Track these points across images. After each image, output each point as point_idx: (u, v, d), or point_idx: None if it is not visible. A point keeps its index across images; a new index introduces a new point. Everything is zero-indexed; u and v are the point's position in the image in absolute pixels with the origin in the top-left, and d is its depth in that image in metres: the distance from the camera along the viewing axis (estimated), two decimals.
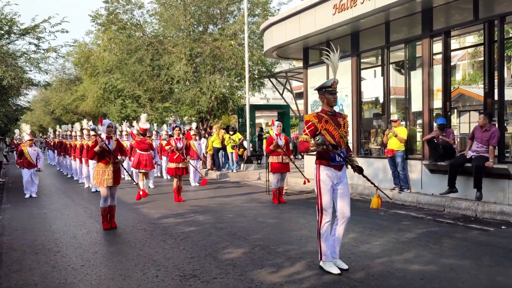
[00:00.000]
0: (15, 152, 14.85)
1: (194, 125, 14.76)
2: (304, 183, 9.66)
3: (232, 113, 25.09)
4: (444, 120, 8.66)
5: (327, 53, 4.85)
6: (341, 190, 4.77)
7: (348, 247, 5.75)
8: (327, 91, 4.71)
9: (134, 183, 8.78)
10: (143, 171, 11.28)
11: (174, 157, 9.76)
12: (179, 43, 18.65)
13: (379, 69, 10.85)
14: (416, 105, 9.69)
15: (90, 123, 14.05)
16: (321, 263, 4.77)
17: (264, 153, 11.83)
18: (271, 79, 20.14)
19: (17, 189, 12.50)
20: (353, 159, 4.93)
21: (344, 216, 4.78)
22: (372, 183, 5.21)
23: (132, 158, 11.76)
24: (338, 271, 4.63)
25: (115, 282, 4.61)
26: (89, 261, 5.39)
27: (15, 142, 21.09)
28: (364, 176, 4.98)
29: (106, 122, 7.29)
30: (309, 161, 12.34)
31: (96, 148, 6.93)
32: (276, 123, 9.58)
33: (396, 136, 9.21)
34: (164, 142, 14.33)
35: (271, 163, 9.36)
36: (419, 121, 9.85)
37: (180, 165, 9.73)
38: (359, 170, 4.81)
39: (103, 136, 7.15)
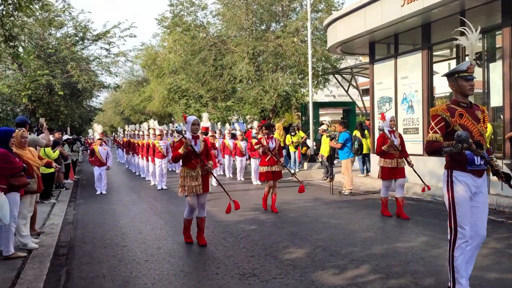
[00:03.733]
0: (88, 150, 15.77)
1: (255, 124, 14.72)
2: (423, 190, 7.81)
3: (296, 111, 24.86)
4: None
5: (464, 29, 3.89)
6: (479, 203, 3.77)
7: (418, 251, 5.39)
8: (461, 77, 3.71)
9: (228, 197, 6.35)
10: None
11: (266, 159, 8.36)
12: (241, 42, 18.78)
13: (454, 62, 10.12)
14: (496, 99, 8.93)
15: (155, 122, 14.48)
16: None
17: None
18: (335, 75, 19.66)
19: (89, 185, 13.22)
20: (496, 163, 3.70)
21: (478, 235, 3.77)
22: None
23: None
24: None
25: (176, 278, 4.64)
26: (153, 256, 5.50)
27: (89, 141, 22.42)
28: (511, 186, 3.68)
29: (191, 119, 6.07)
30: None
31: (181, 150, 5.79)
32: (389, 116, 7.67)
33: None
34: (228, 142, 14.46)
35: (382, 168, 7.53)
36: (500, 117, 9.06)
37: (274, 168, 8.33)
38: (506, 178, 3.62)
39: (189, 135, 5.98)
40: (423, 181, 7.61)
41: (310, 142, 16.32)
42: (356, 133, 12.29)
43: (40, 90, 15.95)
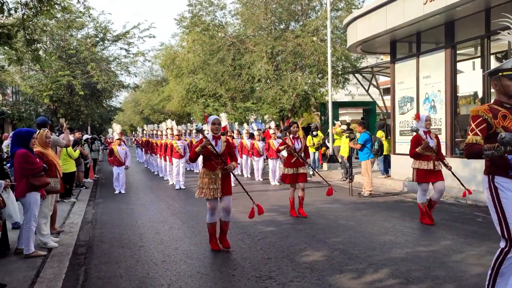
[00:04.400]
0: (107, 150, 16.01)
1: (272, 124, 14.62)
2: (464, 195, 7.26)
3: (314, 111, 24.67)
4: None
5: (508, 21, 3.64)
6: None
7: (438, 255, 5.24)
8: (506, 76, 3.40)
9: (252, 201, 6.06)
10: None
11: (292, 161, 7.78)
12: (260, 42, 18.73)
13: (478, 61, 9.84)
14: None
15: (173, 122, 14.54)
16: None
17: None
18: (355, 74, 19.41)
19: (108, 184, 13.36)
20: None
21: None
22: None
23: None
24: None
25: (193, 280, 4.62)
26: (170, 257, 5.49)
27: (108, 140, 22.73)
28: None
29: (211, 119, 5.83)
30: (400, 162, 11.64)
31: (198, 148, 5.57)
32: (424, 116, 7.16)
33: None
34: (246, 142, 14.41)
35: (417, 170, 7.02)
36: None
37: (301, 170, 7.80)
38: None
39: (209, 136, 5.74)
40: (463, 185, 7.19)
41: (329, 143, 16.15)
42: (380, 133, 12.09)
43: (61, 90, 16.26)
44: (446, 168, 6.99)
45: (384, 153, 11.81)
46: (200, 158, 6.12)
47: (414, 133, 6.98)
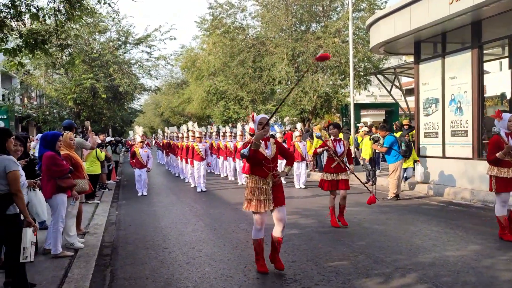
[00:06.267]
0: (129, 152, 16.18)
1: (298, 126, 14.44)
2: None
3: (336, 112, 24.48)
4: None
5: None
6: None
7: (467, 260, 5.11)
8: None
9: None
10: None
11: (332, 166, 7.14)
12: (281, 43, 18.67)
13: (506, 61, 9.59)
14: None
15: (195, 125, 14.63)
16: None
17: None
18: (378, 75, 19.17)
19: (131, 186, 13.51)
20: None
21: None
22: None
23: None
24: None
25: (217, 282, 4.62)
26: (194, 259, 5.50)
27: (130, 142, 23.02)
28: None
29: (258, 118, 5.05)
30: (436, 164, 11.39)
31: (244, 151, 4.78)
32: (507, 116, 6.06)
33: None
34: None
35: (496, 178, 6.06)
36: None
37: (342, 176, 7.14)
38: None
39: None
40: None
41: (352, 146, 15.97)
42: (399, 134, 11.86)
43: (85, 93, 16.55)
44: None
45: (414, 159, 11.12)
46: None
47: (495, 134, 6.07)
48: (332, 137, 7.29)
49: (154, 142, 23.07)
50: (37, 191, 5.22)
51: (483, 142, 9.93)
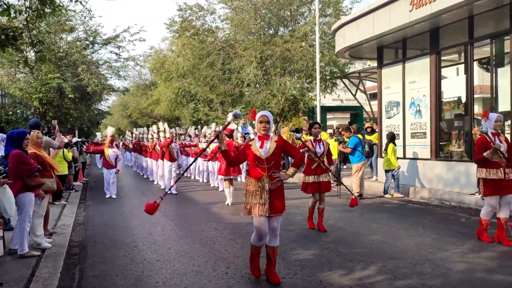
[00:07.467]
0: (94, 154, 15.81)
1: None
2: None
3: (303, 115, 24.93)
4: None
5: None
6: None
7: (424, 253, 5.45)
8: None
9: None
10: (232, 177, 9.81)
11: (312, 167, 6.87)
12: (249, 46, 18.91)
13: (462, 67, 10.17)
14: (504, 105, 8.96)
15: (166, 125, 14.57)
16: None
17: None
18: (343, 79, 19.70)
19: (98, 188, 13.34)
20: None
21: None
22: None
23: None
24: None
25: (187, 277, 4.74)
26: (164, 256, 5.59)
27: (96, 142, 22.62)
28: None
29: (259, 115, 4.63)
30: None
31: (222, 146, 4.56)
32: (494, 116, 5.94)
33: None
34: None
35: (484, 181, 5.89)
36: (508, 122, 9.08)
37: (322, 178, 6.89)
38: None
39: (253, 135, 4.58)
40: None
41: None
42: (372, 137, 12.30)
43: (51, 93, 16.22)
44: None
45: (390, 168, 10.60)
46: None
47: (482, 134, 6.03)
48: (311, 138, 7.04)
49: (121, 143, 22.70)
50: (6, 187, 5.18)
51: (440, 144, 10.47)
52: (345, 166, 16.33)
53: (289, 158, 15.83)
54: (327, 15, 19.20)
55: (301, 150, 6.47)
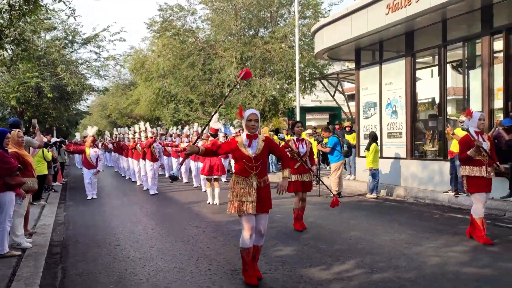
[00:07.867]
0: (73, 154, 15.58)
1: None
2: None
3: (282, 116, 25.16)
4: (511, 122, 8.23)
5: None
6: None
7: (400, 248, 5.66)
8: None
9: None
10: (215, 176, 9.71)
11: (295, 167, 6.83)
12: (230, 47, 19.02)
13: (436, 69, 10.52)
14: (476, 105, 9.30)
15: (147, 125, 14.53)
16: None
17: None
18: (322, 80, 20.01)
19: (78, 188, 13.25)
20: None
21: None
22: None
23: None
24: None
25: (170, 274, 4.82)
26: (146, 254, 5.66)
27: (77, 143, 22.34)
28: None
29: (247, 113, 4.53)
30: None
31: (188, 150, 4.51)
32: (477, 114, 6.03)
33: (453, 135, 8.79)
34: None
35: (468, 178, 5.93)
36: None
37: (305, 178, 6.92)
38: None
39: (243, 134, 4.58)
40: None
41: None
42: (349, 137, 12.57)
43: (29, 92, 15.96)
44: (498, 171, 6.06)
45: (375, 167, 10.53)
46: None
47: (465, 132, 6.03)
48: (294, 137, 7.00)
49: (101, 144, 22.40)
50: None
51: (416, 143, 10.80)
52: (328, 167, 16.53)
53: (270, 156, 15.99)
54: (306, 17, 19.46)
55: (285, 150, 6.36)
